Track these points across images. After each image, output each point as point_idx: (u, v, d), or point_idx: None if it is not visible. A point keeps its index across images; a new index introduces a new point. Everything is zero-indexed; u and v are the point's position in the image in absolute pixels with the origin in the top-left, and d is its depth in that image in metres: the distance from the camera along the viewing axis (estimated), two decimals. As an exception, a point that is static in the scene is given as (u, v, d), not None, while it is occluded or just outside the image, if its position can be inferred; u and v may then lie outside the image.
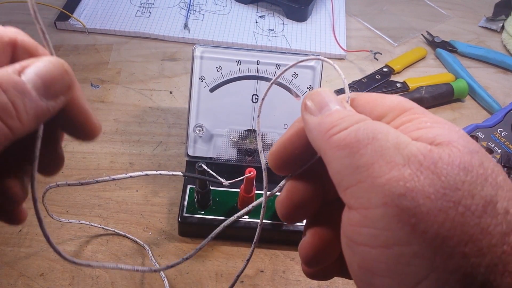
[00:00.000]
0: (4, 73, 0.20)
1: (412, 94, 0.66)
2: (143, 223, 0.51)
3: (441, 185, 0.18)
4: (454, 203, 0.18)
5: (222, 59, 0.50)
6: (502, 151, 0.53)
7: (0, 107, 0.20)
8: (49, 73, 0.21)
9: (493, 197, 0.18)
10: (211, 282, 0.47)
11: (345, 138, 0.21)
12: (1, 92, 0.20)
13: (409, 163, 0.19)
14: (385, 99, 0.24)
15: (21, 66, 0.21)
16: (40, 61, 0.22)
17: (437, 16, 0.82)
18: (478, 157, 0.19)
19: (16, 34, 0.24)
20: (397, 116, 0.23)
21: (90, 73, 0.67)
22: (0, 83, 0.20)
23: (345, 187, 0.21)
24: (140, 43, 0.73)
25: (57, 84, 0.22)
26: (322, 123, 0.22)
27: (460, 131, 0.21)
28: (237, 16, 0.77)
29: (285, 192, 0.26)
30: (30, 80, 0.21)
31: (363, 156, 0.20)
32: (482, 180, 0.19)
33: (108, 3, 0.78)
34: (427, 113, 0.22)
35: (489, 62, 0.74)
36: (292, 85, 0.51)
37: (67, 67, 0.22)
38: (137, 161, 0.57)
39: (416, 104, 0.23)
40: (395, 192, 0.19)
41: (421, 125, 0.21)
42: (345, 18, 0.79)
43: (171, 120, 0.62)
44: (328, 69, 0.71)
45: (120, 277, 0.47)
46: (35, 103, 0.21)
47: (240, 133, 0.51)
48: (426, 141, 0.20)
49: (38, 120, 0.21)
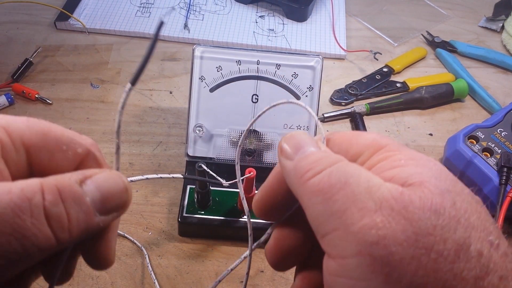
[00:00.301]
0: (66, 181, 0.20)
1: (412, 94, 0.66)
2: (143, 223, 0.51)
3: (412, 230, 0.18)
4: (426, 249, 0.18)
5: (222, 59, 0.50)
6: (502, 151, 0.53)
7: (55, 217, 0.19)
8: (109, 188, 0.21)
9: (466, 240, 0.18)
10: (211, 282, 0.47)
11: (318, 183, 0.20)
12: (60, 201, 0.19)
13: (381, 208, 0.19)
14: (361, 137, 0.24)
15: (83, 175, 0.21)
16: (103, 174, 0.21)
17: (437, 16, 0.82)
18: (450, 197, 0.19)
19: (90, 147, 0.23)
20: (372, 154, 0.22)
21: (90, 73, 0.67)
22: (60, 191, 0.20)
23: (322, 234, 0.20)
24: (140, 43, 0.73)
25: (114, 201, 0.21)
26: (298, 167, 0.22)
27: (434, 166, 0.21)
28: (237, 16, 0.77)
29: (273, 240, 0.26)
30: (89, 192, 0.20)
31: (336, 202, 0.20)
32: (455, 223, 0.18)
33: (108, 3, 0.78)
34: (402, 148, 0.22)
35: (489, 62, 0.74)
36: (292, 85, 0.51)
37: (128, 185, 0.22)
38: (137, 161, 0.57)
39: (392, 140, 0.23)
40: (368, 240, 0.18)
41: (395, 164, 0.21)
42: (345, 18, 0.79)
43: (171, 120, 0.62)
44: (328, 69, 0.71)
45: (120, 277, 0.47)
46: (89, 216, 0.20)
47: (240, 133, 0.51)
48: (398, 182, 0.20)
49: (85, 234, 0.21)
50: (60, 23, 0.73)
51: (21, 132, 0.22)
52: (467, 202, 0.20)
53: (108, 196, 0.21)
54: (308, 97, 0.51)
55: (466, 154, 0.54)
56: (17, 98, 0.63)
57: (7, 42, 0.71)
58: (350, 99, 0.66)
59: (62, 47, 0.71)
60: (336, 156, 0.22)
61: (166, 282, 0.47)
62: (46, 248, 0.19)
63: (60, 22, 0.73)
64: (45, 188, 0.19)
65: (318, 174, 0.21)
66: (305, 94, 0.51)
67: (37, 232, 0.19)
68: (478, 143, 0.54)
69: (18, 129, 0.22)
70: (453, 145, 0.55)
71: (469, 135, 0.55)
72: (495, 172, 0.52)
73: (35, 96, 0.62)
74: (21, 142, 0.22)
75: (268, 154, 0.51)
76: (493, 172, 0.52)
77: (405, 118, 0.65)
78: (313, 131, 0.51)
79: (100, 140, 0.59)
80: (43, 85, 0.65)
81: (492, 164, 0.52)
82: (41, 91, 0.63)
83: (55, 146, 0.22)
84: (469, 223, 0.19)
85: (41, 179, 0.20)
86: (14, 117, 0.22)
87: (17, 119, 0.22)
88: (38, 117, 0.67)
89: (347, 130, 0.63)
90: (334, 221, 0.20)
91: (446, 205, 0.19)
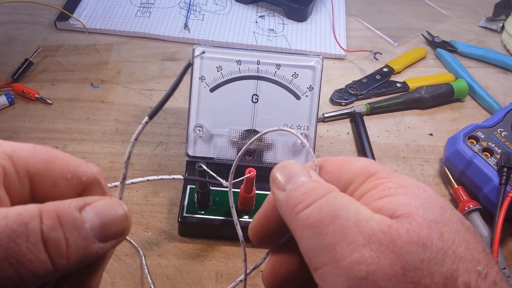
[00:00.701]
0: (66, 207, 0.20)
1: (412, 94, 0.66)
2: (143, 223, 0.51)
3: (400, 265, 0.18)
4: (414, 283, 0.18)
5: (222, 59, 0.50)
6: (502, 151, 0.53)
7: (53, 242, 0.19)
8: (109, 216, 0.21)
9: (453, 272, 0.18)
10: (211, 282, 0.47)
11: (308, 217, 0.21)
12: (59, 227, 0.19)
13: (370, 242, 0.19)
14: (351, 164, 0.24)
15: (84, 202, 0.21)
16: (103, 201, 0.21)
17: (437, 16, 0.82)
18: (438, 229, 0.19)
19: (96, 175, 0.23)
20: (363, 182, 0.23)
21: (90, 73, 0.67)
22: (60, 216, 0.19)
23: (314, 268, 0.21)
24: (140, 43, 0.73)
25: (114, 228, 0.21)
26: (289, 199, 0.22)
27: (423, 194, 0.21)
28: (237, 16, 0.77)
29: (269, 266, 0.26)
30: (89, 219, 0.20)
31: (326, 236, 0.20)
32: (442, 255, 0.19)
33: (108, 3, 0.78)
34: (392, 175, 0.22)
35: (489, 62, 0.74)
36: (292, 85, 0.51)
37: (128, 213, 0.22)
38: (137, 161, 0.57)
39: (382, 166, 0.23)
40: (357, 276, 0.19)
41: (384, 193, 0.21)
42: (345, 18, 0.79)
43: (171, 120, 0.62)
44: (328, 69, 0.71)
45: (120, 277, 0.47)
46: (88, 243, 0.20)
47: (240, 133, 0.51)
48: (387, 213, 0.20)
49: (83, 261, 0.20)
50: (60, 23, 0.73)
51: (26, 160, 0.21)
52: (455, 231, 0.20)
53: (108, 223, 0.21)
54: (308, 97, 0.51)
55: (466, 154, 0.54)
56: (17, 98, 0.63)
57: (7, 42, 0.71)
58: (350, 99, 0.66)
59: (62, 47, 0.71)
60: (326, 187, 0.22)
61: (166, 282, 0.47)
62: (43, 275, 0.19)
63: (60, 22, 0.73)
64: (44, 213, 0.19)
65: (308, 206, 0.21)
66: (305, 94, 0.51)
67: (33, 257, 0.18)
68: (478, 143, 0.54)
69: (23, 157, 0.21)
70: (453, 145, 0.55)
71: (469, 135, 0.55)
72: (495, 172, 0.52)
73: (35, 96, 0.62)
74: (25, 170, 0.21)
75: (268, 154, 0.51)
76: (493, 172, 0.52)
77: (405, 118, 0.65)
78: (313, 131, 0.51)
79: (100, 140, 0.59)
80: (43, 85, 0.65)
81: (492, 164, 0.52)
82: (41, 91, 0.63)
83: (60, 174, 0.22)
84: (457, 255, 0.19)
85: (40, 205, 0.20)
86: (20, 144, 0.22)
87: (23, 146, 0.22)
88: (39, 117, 0.67)
89: (347, 130, 0.63)
90: (324, 255, 0.20)
91: (434, 237, 0.19)
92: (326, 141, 0.62)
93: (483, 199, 0.53)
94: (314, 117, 0.51)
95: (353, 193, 0.23)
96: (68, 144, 0.58)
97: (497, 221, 0.47)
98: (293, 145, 0.51)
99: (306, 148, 0.27)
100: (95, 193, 0.23)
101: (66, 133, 0.59)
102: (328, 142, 0.61)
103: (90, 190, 0.23)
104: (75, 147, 0.58)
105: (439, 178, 0.58)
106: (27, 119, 0.61)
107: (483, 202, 0.53)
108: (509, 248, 0.52)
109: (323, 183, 0.23)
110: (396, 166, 0.59)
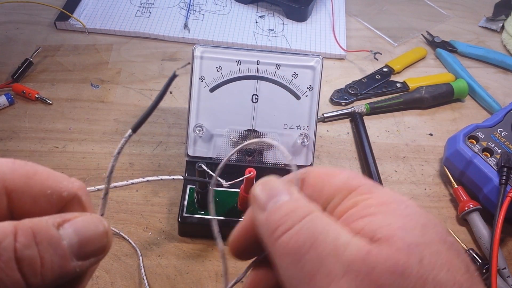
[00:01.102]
0: (43, 224, 0.19)
1: (412, 94, 0.66)
2: (143, 223, 0.51)
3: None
4: None
5: (222, 59, 0.50)
6: (502, 151, 0.53)
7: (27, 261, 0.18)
8: (88, 232, 0.20)
9: None
10: (211, 282, 0.47)
11: (287, 244, 0.20)
12: (34, 244, 0.18)
13: (348, 272, 0.19)
14: (333, 178, 0.23)
15: (62, 219, 0.20)
16: (82, 218, 0.21)
17: (437, 16, 0.82)
18: (418, 253, 0.19)
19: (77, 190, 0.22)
20: (344, 197, 0.22)
21: (90, 73, 0.67)
22: (35, 234, 0.19)
23: None
24: (140, 43, 0.73)
25: (93, 245, 0.20)
26: (269, 222, 0.22)
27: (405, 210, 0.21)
28: (237, 16, 0.77)
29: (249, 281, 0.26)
30: (66, 236, 0.20)
31: (305, 266, 0.20)
32: (421, 283, 0.18)
33: (108, 3, 0.78)
34: (374, 190, 0.22)
35: (489, 62, 0.74)
36: (292, 85, 0.51)
37: (108, 229, 0.21)
38: (137, 161, 0.57)
39: (364, 180, 0.23)
40: None
41: (365, 212, 0.21)
42: (345, 18, 0.79)
43: (171, 120, 0.62)
44: (328, 69, 0.71)
45: (120, 277, 0.47)
46: (65, 261, 0.19)
47: (240, 133, 0.51)
48: (367, 235, 0.20)
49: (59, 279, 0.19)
50: (60, 23, 0.73)
51: (4, 176, 0.21)
52: (437, 254, 0.19)
53: (87, 240, 0.20)
54: (308, 97, 0.51)
55: (466, 154, 0.54)
56: (17, 98, 0.63)
57: (7, 42, 0.71)
58: (350, 99, 0.66)
59: (62, 47, 0.71)
60: (306, 208, 0.22)
61: (166, 282, 0.47)
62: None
63: (60, 22, 0.73)
64: (19, 230, 0.19)
65: (288, 230, 0.21)
66: (305, 94, 0.51)
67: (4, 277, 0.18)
68: (478, 143, 0.54)
69: (1, 173, 0.21)
70: (453, 145, 0.55)
71: (469, 135, 0.55)
72: (495, 172, 0.52)
73: (35, 96, 0.62)
74: (3, 186, 0.21)
75: (268, 154, 0.51)
76: (493, 172, 0.52)
77: (405, 118, 0.65)
78: (313, 131, 0.51)
79: (100, 140, 0.59)
80: (43, 85, 0.65)
81: (492, 164, 0.52)
82: (41, 91, 0.63)
83: (39, 190, 0.21)
84: (437, 281, 0.18)
85: (16, 222, 0.19)
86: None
87: (2, 161, 0.21)
88: (38, 117, 0.67)
89: (347, 130, 0.63)
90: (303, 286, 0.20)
91: (413, 263, 0.18)
92: (326, 141, 0.62)
93: (483, 199, 0.53)
94: (314, 117, 0.51)
95: (334, 210, 0.22)
96: (68, 144, 0.58)
97: (497, 221, 0.47)
98: (293, 145, 0.51)
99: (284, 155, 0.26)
100: (77, 209, 0.22)
101: (66, 133, 0.59)
102: (328, 142, 0.61)
103: (71, 206, 0.22)
104: (75, 147, 0.58)
105: (439, 178, 0.58)
106: (27, 119, 0.61)
107: (483, 202, 0.53)
108: (509, 248, 0.52)
109: (303, 203, 0.22)
110: (396, 166, 0.59)
